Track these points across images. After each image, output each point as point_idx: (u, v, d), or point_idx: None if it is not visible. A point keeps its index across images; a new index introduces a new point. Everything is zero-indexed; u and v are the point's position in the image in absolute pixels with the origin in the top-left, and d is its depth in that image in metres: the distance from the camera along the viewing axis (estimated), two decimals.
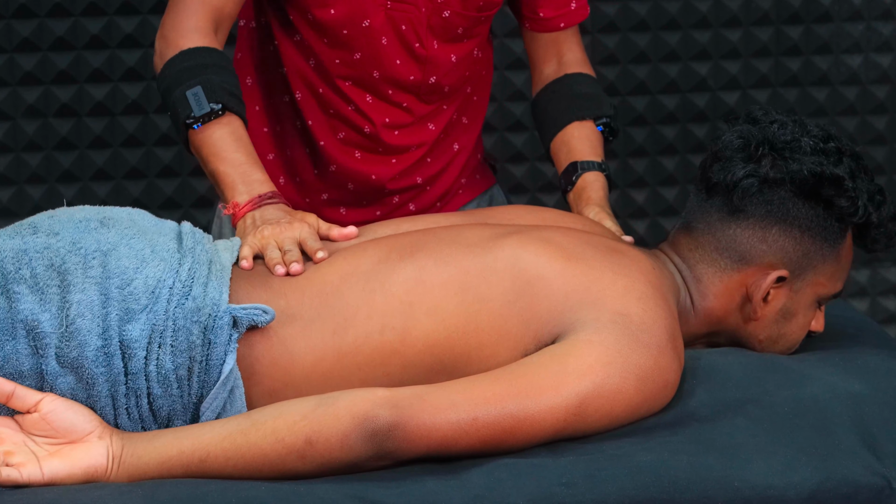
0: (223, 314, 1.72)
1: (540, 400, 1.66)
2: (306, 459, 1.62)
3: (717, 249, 1.90)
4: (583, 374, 1.68)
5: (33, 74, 3.13)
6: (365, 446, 1.62)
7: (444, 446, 1.64)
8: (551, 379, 1.67)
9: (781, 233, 1.87)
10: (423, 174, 2.36)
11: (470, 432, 1.64)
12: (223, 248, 1.85)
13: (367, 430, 1.61)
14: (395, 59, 2.23)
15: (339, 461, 1.62)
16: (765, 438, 1.68)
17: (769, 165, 1.86)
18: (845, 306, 2.21)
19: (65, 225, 1.77)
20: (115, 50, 3.13)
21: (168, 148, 3.23)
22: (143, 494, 1.56)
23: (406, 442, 1.62)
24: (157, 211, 3.15)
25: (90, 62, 3.13)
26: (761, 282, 1.87)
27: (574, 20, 2.34)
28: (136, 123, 3.18)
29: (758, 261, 1.88)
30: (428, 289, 1.77)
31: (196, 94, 2.01)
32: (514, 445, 1.67)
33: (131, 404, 1.71)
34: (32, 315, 1.68)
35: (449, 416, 1.64)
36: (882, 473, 1.65)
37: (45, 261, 1.72)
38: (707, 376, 1.79)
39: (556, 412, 1.67)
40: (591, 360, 1.69)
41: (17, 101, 3.14)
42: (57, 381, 1.68)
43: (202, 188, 3.25)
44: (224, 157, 1.99)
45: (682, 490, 1.61)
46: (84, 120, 3.16)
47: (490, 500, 1.59)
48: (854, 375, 1.79)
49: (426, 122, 2.32)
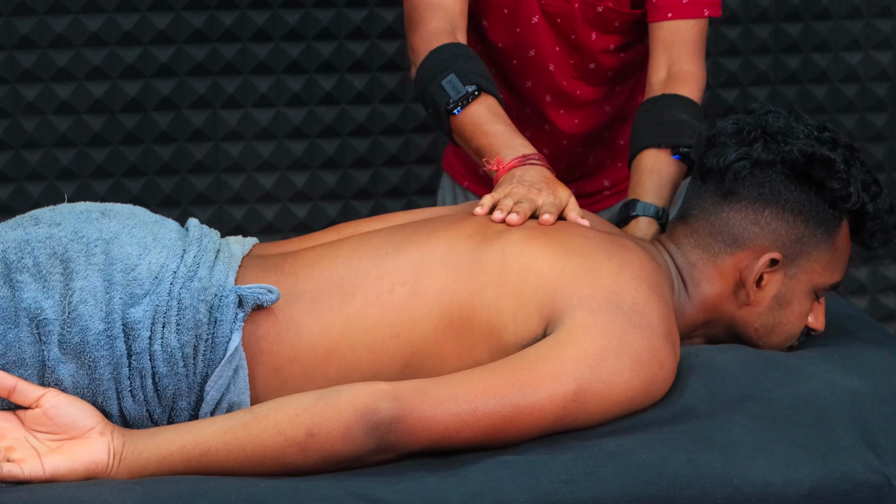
0: (229, 293, 1.73)
1: (539, 389, 1.67)
2: (308, 452, 1.62)
3: (711, 234, 1.91)
4: (579, 360, 1.69)
5: (32, 71, 3.13)
6: (367, 438, 1.62)
7: (445, 438, 1.65)
8: (549, 368, 1.68)
9: (774, 215, 1.88)
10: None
11: (470, 423, 1.65)
12: (234, 242, 1.86)
13: (370, 423, 1.62)
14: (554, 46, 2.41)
15: (341, 454, 1.62)
16: (764, 436, 1.68)
17: (761, 148, 1.88)
18: (845, 303, 2.21)
19: (66, 216, 1.79)
20: (114, 47, 3.13)
21: (167, 145, 3.23)
22: (142, 491, 1.56)
23: (408, 434, 1.63)
24: (157, 208, 3.15)
25: (89, 59, 3.13)
26: (754, 264, 1.88)
27: (684, 14, 2.32)
28: (135, 120, 3.19)
29: (750, 243, 1.89)
30: (440, 252, 1.80)
31: (451, 81, 2.13)
32: (515, 435, 1.67)
33: (136, 385, 1.71)
34: (36, 303, 1.69)
35: (450, 407, 1.64)
36: (881, 471, 1.66)
37: (47, 250, 1.73)
38: (706, 373, 1.80)
39: (555, 400, 1.67)
40: (586, 344, 1.70)
41: (16, 98, 3.14)
42: (58, 368, 1.68)
43: (202, 185, 3.26)
44: (486, 130, 2.08)
45: (681, 487, 1.61)
46: (83, 117, 3.16)
47: (490, 498, 1.59)
48: (853, 373, 1.80)
49: (601, 104, 2.50)
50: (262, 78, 3.23)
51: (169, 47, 3.16)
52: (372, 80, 3.28)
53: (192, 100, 3.20)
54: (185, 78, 3.17)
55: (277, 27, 3.20)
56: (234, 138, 3.25)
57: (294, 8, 3.20)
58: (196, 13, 3.16)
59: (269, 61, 3.22)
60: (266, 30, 3.19)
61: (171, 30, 3.14)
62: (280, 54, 3.22)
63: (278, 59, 3.22)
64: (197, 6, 3.16)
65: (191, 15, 3.16)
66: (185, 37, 3.16)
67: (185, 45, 3.16)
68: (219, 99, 3.21)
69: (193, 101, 3.21)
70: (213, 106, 3.21)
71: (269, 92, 3.24)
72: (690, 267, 1.92)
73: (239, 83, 3.21)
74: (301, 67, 3.24)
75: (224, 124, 3.23)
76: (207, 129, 3.23)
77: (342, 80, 3.26)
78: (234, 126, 3.24)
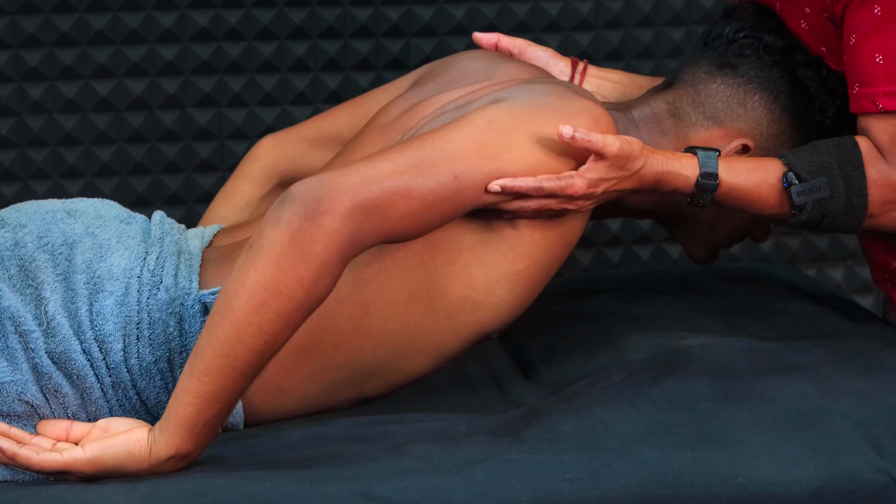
0: (193, 302, 1.72)
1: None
2: (270, 283, 1.58)
3: (693, 103, 1.89)
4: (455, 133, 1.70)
5: (38, 70, 3.13)
6: (297, 218, 1.59)
7: (369, 215, 1.62)
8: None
9: (762, 103, 1.87)
10: None
11: (392, 192, 1.63)
12: (192, 237, 1.84)
13: (291, 201, 1.60)
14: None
15: (287, 256, 1.58)
16: (768, 434, 1.68)
17: (774, 33, 1.87)
18: (851, 303, 2.21)
19: (31, 217, 1.77)
20: (119, 46, 3.13)
21: (173, 144, 3.23)
22: (147, 490, 1.56)
23: (330, 209, 1.59)
24: (162, 206, 3.15)
25: (95, 58, 3.13)
26: (724, 146, 1.87)
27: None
28: (140, 119, 3.19)
29: (729, 124, 1.87)
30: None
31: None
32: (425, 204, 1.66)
33: (121, 397, 1.71)
34: (17, 312, 1.68)
35: (371, 175, 1.64)
36: (886, 470, 1.65)
37: (16, 260, 1.71)
38: (710, 367, 1.79)
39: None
40: (467, 119, 1.71)
41: (21, 96, 3.14)
42: (53, 375, 1.68)
43: (207, 184, 3.26)
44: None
45: (686, 486, 1.61)
46: (89, 116, 3.16)
47: (494, 497, 1.59)
48: (859, 372, 1.79)
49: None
50: (268, 76, 3.22)
51: (174, 45, 3.16)
52: (377, 78, 3.27)
53: (197, 98, 3.20)
54: (191, 76, 3.17)
55: (282, 25, 3.20)
56: (239, 137, 3.25)
57: (299, 6, 3.20)
58: (201, 11, 3.16)
59: (274, 60, 3.22)
60: (271, 28, 3.19)
61: (176, 28, 3.14)
62: (285, 53, 3.22)
63: (283, 58, 3.22)
64: (202, 4, 3.15)
65: (196, 13, 3.15)
66: (190, 35, 3.16)
67: (189, 44, 3.16)
68: (224, 97, 3.21)
69: (199, 100, 3.20)
70: (218, 104, 3.21)
71: (275, 90, 3.23)
72: (661, 134, 1.89)
73: (244, 81, 3.21)
74: (306, 66, 3.24)
75: (229, 123, 3.23)
76: (213, 127, 3.22)
77: (347, 79, 3.26)
78: (240, 124, 3.24)
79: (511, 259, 1.77)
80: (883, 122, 1.79)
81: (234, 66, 3.25)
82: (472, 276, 1.76)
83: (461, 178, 1.67)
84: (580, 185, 1.72)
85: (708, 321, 2.02)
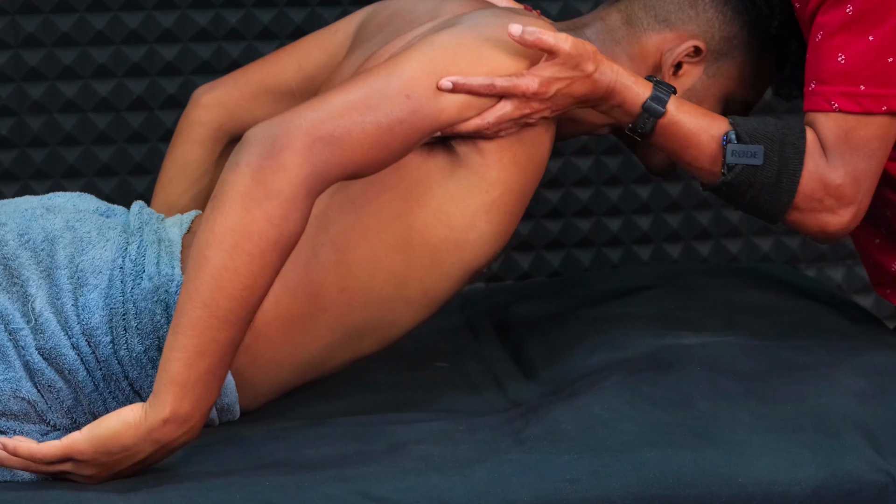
0: (177, 288, 1.72)
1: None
2: (238, 224, 1.58)
3: (645, 8, 1.89)
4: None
5: (38, 70, 3.13)
6: (255, 157, 1.59)
7: (328, 146, 1.62)
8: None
9: (713, 5, 1.88)
10: None
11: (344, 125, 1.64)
12: (171, 224, 1.83)
13: (248, 143, 1.60)
14: None
15: (252, 195, 1.58)
16: (768, 434, 1.68)
17: None
18: (851, 303, 2.21)
19: (10, 215, 1.77)
20: (119, 46, 3.13)
21: None
22: (147, 490, 1.56)
23: (287, 145, 1.60)
24: None
25: (95, 58, 3.13)
26: (676, 48, 1.87)
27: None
28: (140, 119, 3.19)
29: (680, 26, 1.88)
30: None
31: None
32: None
33: (114, 389, 1.71)
34: (5, 311, 1.68)
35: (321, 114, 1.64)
36: (886, 470, 1.66)
37: (0, 259, 1.71)
38: (710, 367, 1.80)
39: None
40: (413, 47, 1.71)
41: (21, 96, 3.14)
42: (45, 372, 1.68)
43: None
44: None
45: (686, 486, 1.61)
46: (89, 116, 3.16)
47: (494, 497, 1.59)
48: (858, 372, 1.79)
49: None
50: None
51: (174, 45, 3.16)
52: None
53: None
54: (191, 76, 3.17)
55: (282, 25, 3.20)
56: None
57: (299, 6, 3.20)
58: (201, 11, 3.16)
59: None
60: (271, 28, 3.19)
61: (176, 28, 3.14)
62: None
63: None
64: (202, 4, 3.15)
65: (196, 13, 3.16)
66: (190, 35, 3.16)
67: (189, 44, 3.16)
68: None
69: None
70: None
71: None
72: (614, 43, 1.89)
73: None
74: None
75: None
76: None
77: None
78: None
79: (484, 189, 1.76)
80: (831, 120, 1.79)
81: (234, 66, 3.24)
82: (448, 214, 1.76)
83: (413, 96, 1.68)
84: (532, 83, 1.72)
85: (708, 321, 2.02)
